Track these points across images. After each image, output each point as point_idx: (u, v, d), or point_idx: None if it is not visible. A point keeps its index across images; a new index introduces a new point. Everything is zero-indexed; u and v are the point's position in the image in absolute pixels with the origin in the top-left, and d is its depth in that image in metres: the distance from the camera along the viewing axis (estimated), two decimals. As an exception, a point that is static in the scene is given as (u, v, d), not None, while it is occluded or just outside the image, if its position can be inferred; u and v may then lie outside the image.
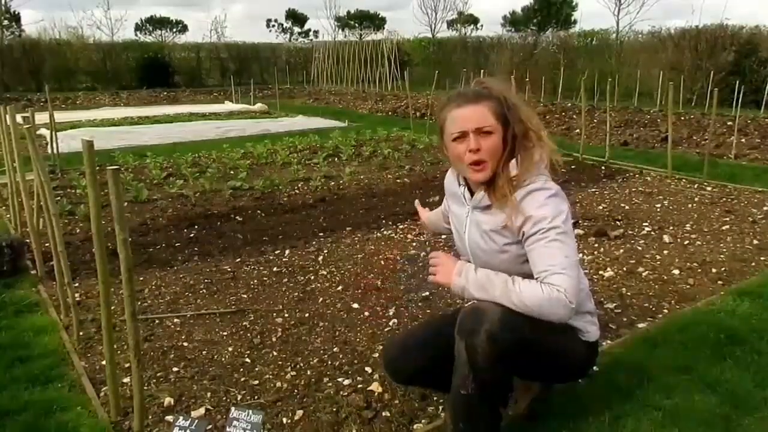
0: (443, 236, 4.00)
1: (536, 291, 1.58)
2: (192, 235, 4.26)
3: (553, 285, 1.57)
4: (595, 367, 2.13)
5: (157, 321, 2.89)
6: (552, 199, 1.67)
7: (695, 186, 5.50)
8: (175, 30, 35.42)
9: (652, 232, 4.14)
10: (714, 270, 3.44)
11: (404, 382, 2.08)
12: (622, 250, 3.79)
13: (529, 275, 1.65)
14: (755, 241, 3.92)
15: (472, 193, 1.83)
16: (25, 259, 3.55)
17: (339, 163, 6.94)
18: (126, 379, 2.30)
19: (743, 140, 7.86)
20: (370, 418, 2.08)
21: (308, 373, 2.39)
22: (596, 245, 3.90)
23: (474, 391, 1.61)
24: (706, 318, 2.75)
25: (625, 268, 3.48)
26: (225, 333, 2.76)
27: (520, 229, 1.67)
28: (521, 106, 1.75)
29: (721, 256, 3.67)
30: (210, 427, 2.01)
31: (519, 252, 1.71)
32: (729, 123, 8.80)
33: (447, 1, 33.33)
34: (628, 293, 3.15)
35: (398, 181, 5.97)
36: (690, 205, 4.86)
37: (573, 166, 6.36)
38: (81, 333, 2.68)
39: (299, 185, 5.77)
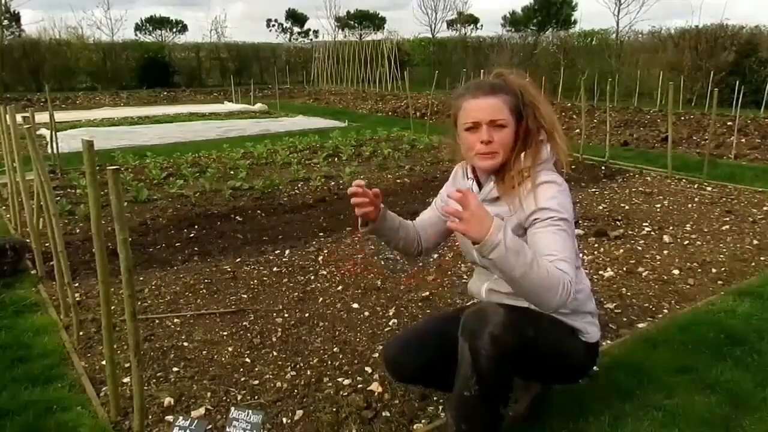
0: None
1: (554, 271, 1.52)
2: (192, 235, 4.26)
3: (562, 271, 1.55)
4: (595, 367, 2.13)
5: (157, 321, 2.88)
6: (562, 193, 1.69)
7: (695, 186, 5.50)
8: (175, 30, 35.41)
9: (652, 232, 4.14)
10: (714, 270, 3.44)
11: (405, 381, 2.08)
12: (622, 250, 3.79)
13: None
14: (755, 241, 3.92)
15: (480, 188, 1.84)
16: (26, 259, 3.56)
17: (339, 163, 6.94)
18: (126, 379, 2.30)
19: (743, 140, 7.86)
20: (370, 418, 2.08)
21: (308, 373, 2.39)
22: (596, 245, 3.90)
23: (477, 393, 1.61)
24: (706, 318, 2.75)
25: (625, 268, 3.48)
26: (225, 333, 2.76)
27: (527, 219, 1.67)
28: (539, 101, 1.75)
29: (721, 256, 3.67)
30: (210, 427, 2.02)
31: None
32: (729, 123, 8.80)
33: (447, 1, 33.24)
34: (628, 293, 3.15)
35: (398, 181, 5.97)
36: (690, 205, 4.86)
37: (573, 166, 6.35)
38: (81, 333, 2.68)
39: (299, 185, 5.77)
